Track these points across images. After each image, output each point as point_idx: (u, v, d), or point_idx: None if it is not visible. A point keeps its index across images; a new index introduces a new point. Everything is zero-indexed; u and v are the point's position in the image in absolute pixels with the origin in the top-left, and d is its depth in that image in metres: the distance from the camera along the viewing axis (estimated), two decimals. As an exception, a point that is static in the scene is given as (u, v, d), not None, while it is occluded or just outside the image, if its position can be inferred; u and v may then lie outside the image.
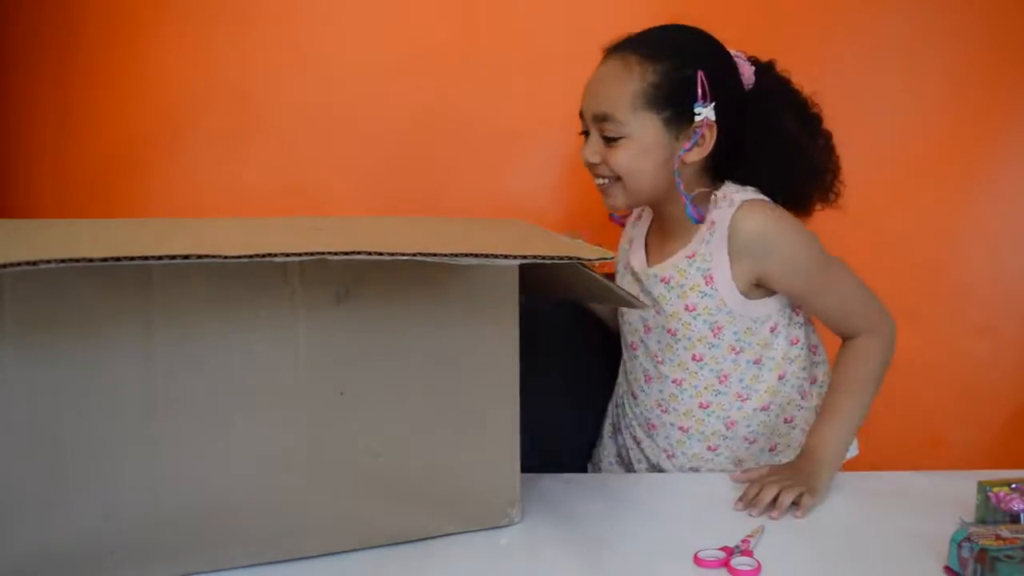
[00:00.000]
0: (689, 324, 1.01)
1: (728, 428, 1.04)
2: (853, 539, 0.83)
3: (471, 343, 0.81)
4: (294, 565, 0.76)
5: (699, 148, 0.97)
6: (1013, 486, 0.80)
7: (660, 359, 1.05)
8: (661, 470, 1.09)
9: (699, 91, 0.94)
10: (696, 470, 1.07)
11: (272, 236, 0.71)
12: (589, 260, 0.78)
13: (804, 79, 1.30)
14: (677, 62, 0.95)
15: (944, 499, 0.90)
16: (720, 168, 1.02)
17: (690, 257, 1.00)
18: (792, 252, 0.98)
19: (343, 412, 0.76)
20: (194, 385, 0.71)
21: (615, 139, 0.96)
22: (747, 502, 0.89)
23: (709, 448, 1.05)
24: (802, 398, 1.06)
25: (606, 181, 1.00)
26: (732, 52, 1.01)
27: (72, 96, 1.37)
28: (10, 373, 0.66)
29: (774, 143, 1.00)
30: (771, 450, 1.06)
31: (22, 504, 0.67)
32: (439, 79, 1.32)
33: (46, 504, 0.68)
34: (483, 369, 0.82)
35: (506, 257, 0.71)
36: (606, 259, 0.79)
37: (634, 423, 1.11)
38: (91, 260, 0.58)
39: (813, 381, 1.07)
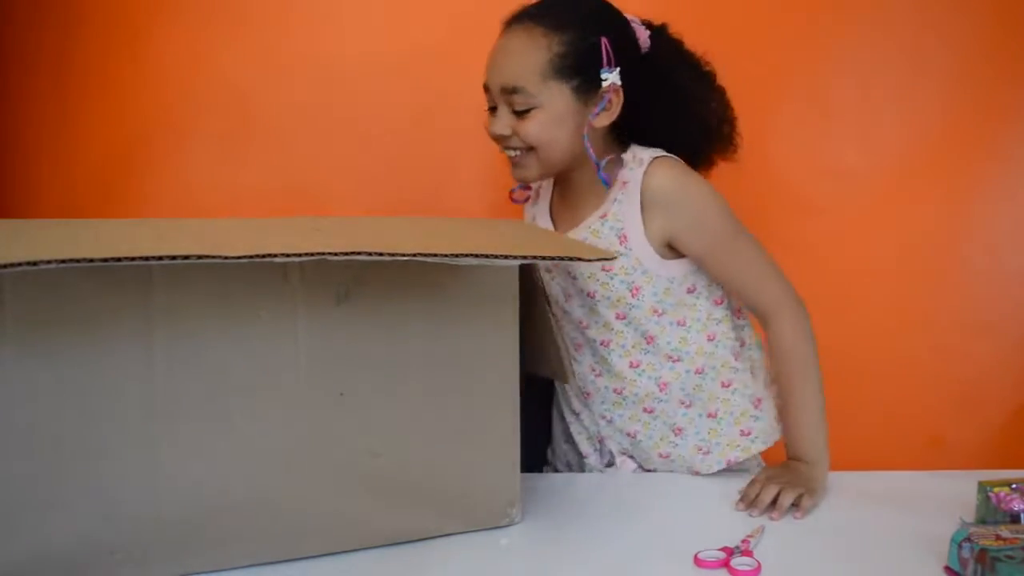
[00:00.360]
0: (607, 284, 1.01)
1: (661, 390, 1.04)
2: (853, 539, 0.83)
3: (471, 343, 0.81)
4: (294, 565, 0.76)
5: (607, 112, 0.99)
6: (1013, 486, 0.80)
7: (585, 323, 1.05)
8: (602, 442, 1.09)
9: (604, 57, 0.96)
10: (633, 436, 1.06)
11: (272, 236, 0.71)
12: (589, 260, 0.78)
13: (804, 78, 1.31)
14: (581, 31, 0.97)
15: (944, 499, 0.90)
16: (624, 131, 1.03)
17: (603, 217, 1.01)
18: (701, 208, 1.00)
19: (343, 412, 0.76)
20: (194, 385, 0.71)
21: (526, 111, 0.97)
22: (748, 503, 0.90)
23: (645, 410, 1.05)
24: (735, 359, 1.05)
25: (518, 153, 1.01)
26: (628, 17, 1.02)
27: (72, 96, 1.37)
28: (10, 373, 0.66)
29: (671, 101, 1.03)
30: (710, 416, 1.05)
31: (22, 504, 0.67)
32: (439, 79, 1.31)
33: (46, 504, 0.68)
34: (483, 369, 0.82)
35: (506, 257, 0.71)
36: (606, 260, 0.79)
37: (571, 396, 1.10)
38: (91, 260, 0.58)
39: (742, 344, 1.07)
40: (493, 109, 1.01)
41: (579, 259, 0.77)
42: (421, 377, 0.79)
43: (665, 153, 1.02)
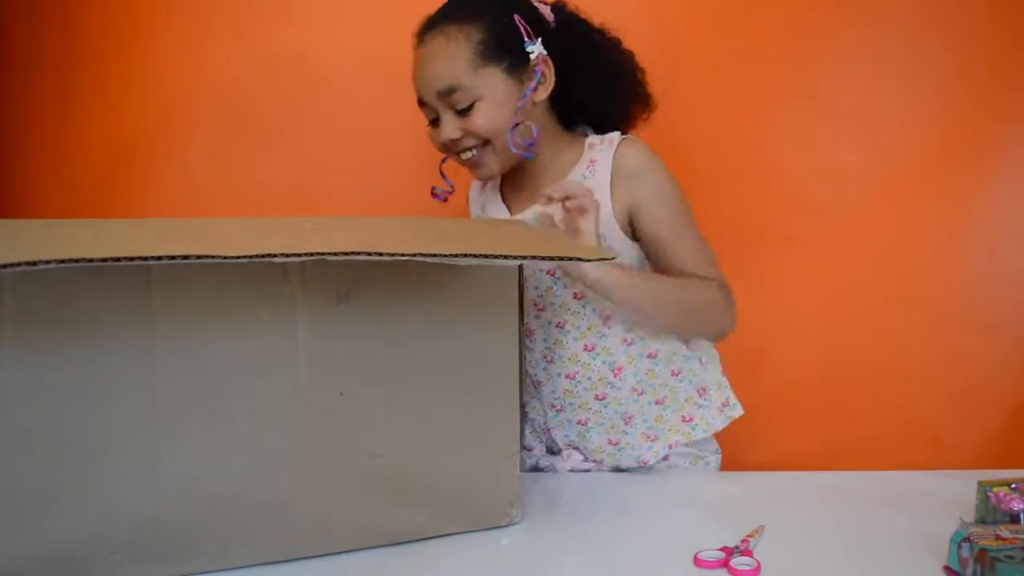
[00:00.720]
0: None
1: (615, 375, 1.04)
2: (853, 539, 0.83)
3: (471, 343, 0.81)
4: (294, 565, 0.76)
5: (544, 85, 1.01)
6: (1013, 486, 0.80)
7: (541, 306, 1.05)
8: (549, 433, 1.09)
9: (523, 32, 0.98)
10: (583, 424, 1.06)
11: (272, 236, 0.71)
12: (589, 260, 0.78)
13: (804, 79, 1.31)
14: (492, 14, 0.98)
15: (944, 499, 0.90)
16: (565, 109, 1.06)
17: None
18: (665, 182, 1.02)
19: (343, 412, 0.76)
20: (194, 385, 0.71)
21: (468, 107, 0.98)
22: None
23: (597, 397, 1.05)
24: (686, 347, 1.07)
25: (473, 153, 1.02)
26: None
27: (72, 96, 1.37)
28: (10, 373, 0.66)
29: (597, 67, 1.04)
30: (658, 403, 1.06)
31: (22, 504, 0.67)
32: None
33: (46, 504, 0.68)
34: (483, 369, 0.82)
35: (506, 257, 0.71)
36: (605, 259, 0.79)
37: (527, 382, 1.10)
38: (91, 260, 0.58)
39: None
40: (435, 121, 1.02)
41: (579, 259, 0.77)
42: (421, 377, 0.79)
43: (629, 136, 1.04)
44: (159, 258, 0.59)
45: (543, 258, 0.74)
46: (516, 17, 0.98)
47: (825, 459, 1.21)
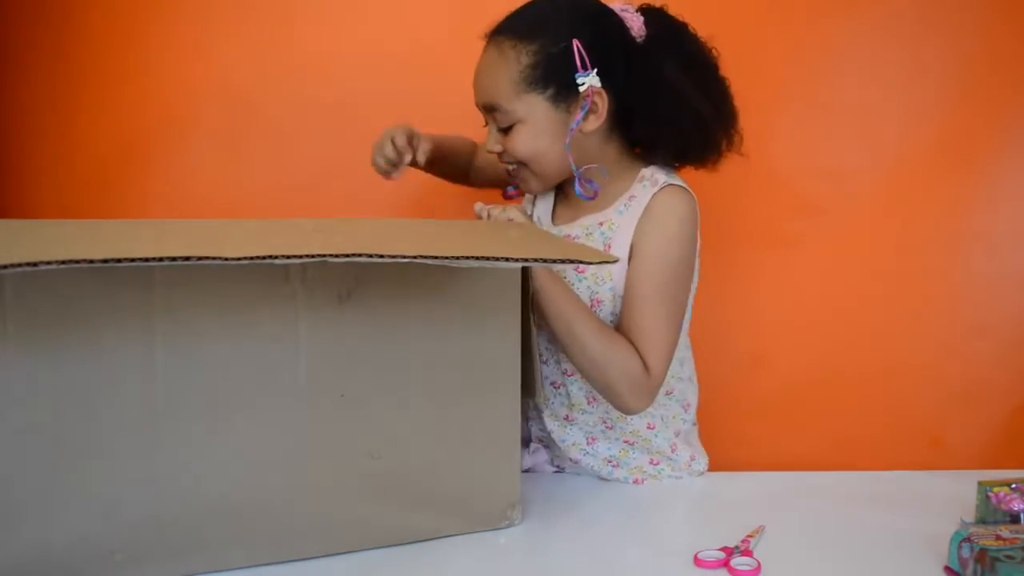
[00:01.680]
0: (574, 285, 0.99)
1: (589, 403, 1.02)
2: (853, 539, 0.83)
3: (472, 345, 0.81)
4: (294, 565, 0.76)
5: (594, 116, 0.94)
6: (1013, 486, 0.81)
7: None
8: (527, 422, 1.08)
9: (578, 61, 0.92)
10: (549, 434, 1.05)
11: (273, 237, 0.71)
12: (590, 263, 0.78)
13: (804, 79, 1.31)
14: (550, 37, 0.92)
15: (944, 499, 0.90)
16: (626, 132, 1.00)
17: (600, 224, 0.99)
18: (671, 244, 0.96)
19: (344, 413, 0.76)
20: (195, 386, 0.71)
21: (508, 127, 0.96)
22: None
23: (567, 418, 1.04)
24: (665, 395, 1.04)
25: (513, 167, 1.00)
26: (619, 6, 0.97)
27: (71, 96, 1.37)
28: (10, 373, 0.66)
29: (659, 96, 0.96)
30: (626, 442, 1.04)
31: (22, 504, 0.67)
32: (439, 79, 1.31)
33: (46, 504, 0.68)
34: (483, 371, 0.82)
35: (507, 260, 0.71)
36: (607, 262, 0.79)
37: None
38: (91, 261, 0.58)
39: (675, 380, 1.06)
40: (488, 125, 1.01)
41: (580, 262, 0.77)
42: (422, 379, 0.79)
43: (681, 182, 0.99)
44: (160, 259, 0.59)
45: (545, 260, 0.74)
46: (575, 43, 0.91)
47: (825, 459, 1.21)
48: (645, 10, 0.99)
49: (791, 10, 1.29)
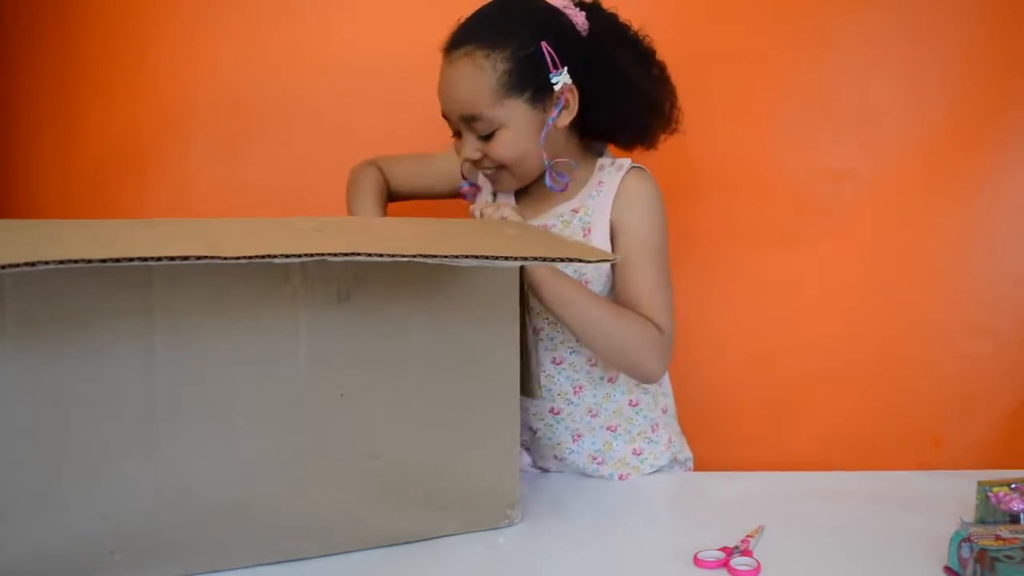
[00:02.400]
0: (563, 268, 1.00)
1: (575, 393, 1.05)
2: (853, 539, 0.83)
3: (471, 344, 0.81)
4: (294, 565, 0.76)
5: (567, 112, 0.99)
6: (1013, 486, 0.81)
7: (537, 309, 1.03)
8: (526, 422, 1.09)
9: (549, 62, 0.96)
10: (534, 432, 1.06)
11: (273, 237, 0.71)
12: (591, 262, 0.78)
13: (804, 80, 1.31)
14: (519, 41, 0.96)
15: (944, 499, 0.90)
16: (583, 124, 1.04)
17: (575, 211, 1.03)
18: (649, 216, 1.02)
19: (343, 413, 0.76)
20: (194, 386, 0.71)
21: (489, 134, 0.98)
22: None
23: (552, 411, 1.05)
24: None
25: (492, 170, 1.02)
26: (560, 3, 1.00)
27: (71, 96, 1.37)
28: (10, 373, 0.66)
29: (614, 84, 1.01)
30: (609, 429, 1.06)
31: (22, 504, 0.67)
32: (437, 81, 1.32)
33: (46, 504, 0.68)
34: (483, 370, 0.82)
35: (507, 259, 0.71)
36: (607, 260, 0.79)
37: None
38: (91, 261, 0.58)
39: None
40: (458, 134, 1.01)
41: (580, 260, 0.77)
42: (421, 378, 0.79)
43: (640, 166, 1.05)
44: (160, 259, 0.59)
45: (543, 259, 0.74)
46: (544, 45, 0.96)
47: (825, 459, 1.21)
48: (582, 5, 1.02)
49: (791, 10, 1.29)
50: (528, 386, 0.92)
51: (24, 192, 1.38)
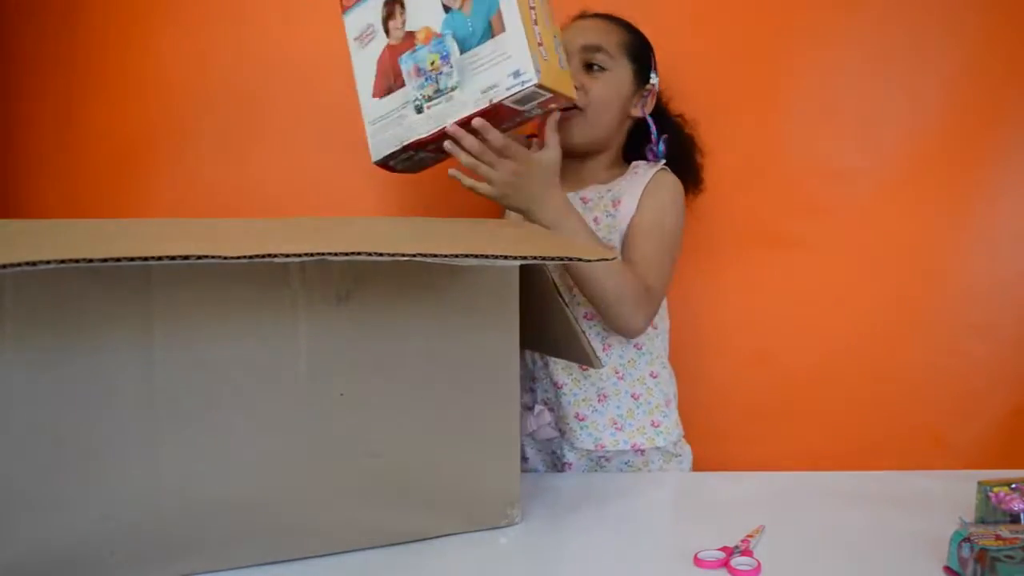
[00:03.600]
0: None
1: (604, 350, 1.12)
2: (853, 539, 0.83)
3: (471, 343, 0.81)
4: (294, 565, 0.76)
5: (646, 106, 1.14)
6: (1013, 486, 0.80)
7: (559, 271, 1.11)
8: (534, 382, 1.14)
9: (653, 63, 1.15)
10: (559, 387, 1.11)
11: (273, 236, 0.71)
12: (589, 261, 0.78)
13: (804, 81, 1.31)
14: (640, 37, 1.15)
15: (944, 499, 0.90)
16: (633, 142, 1.18)
17: (610, 190, 1.14)
18: (668, 203, 1.12)
19: (343, 413, 0.76)
20: (194, 385, 0.71)
21: (600, 70, 1.10)
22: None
23: (580, 367, 1.11)
24: (665, 356, 1.18)
25: (571, 109, 1.06)
26: None
27: (73, 96, 1.37)
28: (10, 373, 0.66)
29: (671, 129, 1.18)
30: (633, 396, 1.12)
31: (22, 504, 0.67)
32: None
33: (46, 504, 0.68)
34: (483, 369, 0.82)
35: (506, 258, 0.71)
36: (606, 259, 0.79)
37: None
38: (91, 260, 0.58)
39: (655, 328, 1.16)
40: None
41: (579, 259, 0.77)
42: (421, 377, 0.79)
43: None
44: (159, 258, 0.59)
45: (543, 258, 0.74)
46: (652, 51, 1.15)
47: (825, 459, 1.21)
48: None
49: (792, 10, 1.29)
50: (587, 358, 0.95)
51: (26, 192, 1.38)
